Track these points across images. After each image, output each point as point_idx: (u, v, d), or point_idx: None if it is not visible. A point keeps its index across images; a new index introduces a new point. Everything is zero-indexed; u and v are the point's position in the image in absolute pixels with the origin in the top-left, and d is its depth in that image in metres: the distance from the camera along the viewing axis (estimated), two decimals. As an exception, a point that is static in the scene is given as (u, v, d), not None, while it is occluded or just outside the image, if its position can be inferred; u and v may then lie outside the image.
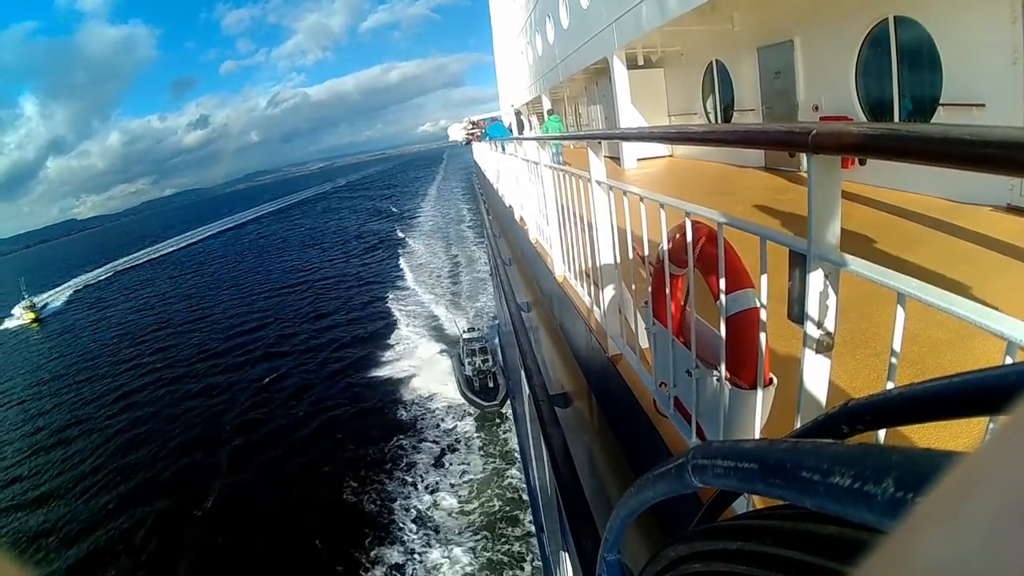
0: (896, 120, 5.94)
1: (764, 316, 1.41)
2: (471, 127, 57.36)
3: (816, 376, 1.22)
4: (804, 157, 1.10)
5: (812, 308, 1.17)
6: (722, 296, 1.53)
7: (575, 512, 2.56)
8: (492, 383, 18.95)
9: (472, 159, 26.81)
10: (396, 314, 29.96)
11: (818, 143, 1.01)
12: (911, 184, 5.44)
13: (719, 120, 10.35)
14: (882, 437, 0.95)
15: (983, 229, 3.94)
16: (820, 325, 1.18)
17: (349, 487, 16.24)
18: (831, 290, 1.16)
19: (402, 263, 41.29)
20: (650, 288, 2.15)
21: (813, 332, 1.19)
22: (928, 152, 0.78)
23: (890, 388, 0.76)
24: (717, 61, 10.03)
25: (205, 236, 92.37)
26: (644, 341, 2.47)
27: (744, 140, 1.56)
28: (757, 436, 1.54)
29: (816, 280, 1.15)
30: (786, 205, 5.60)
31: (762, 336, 1.43)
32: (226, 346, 30.37)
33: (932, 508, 0.17)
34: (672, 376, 1.98)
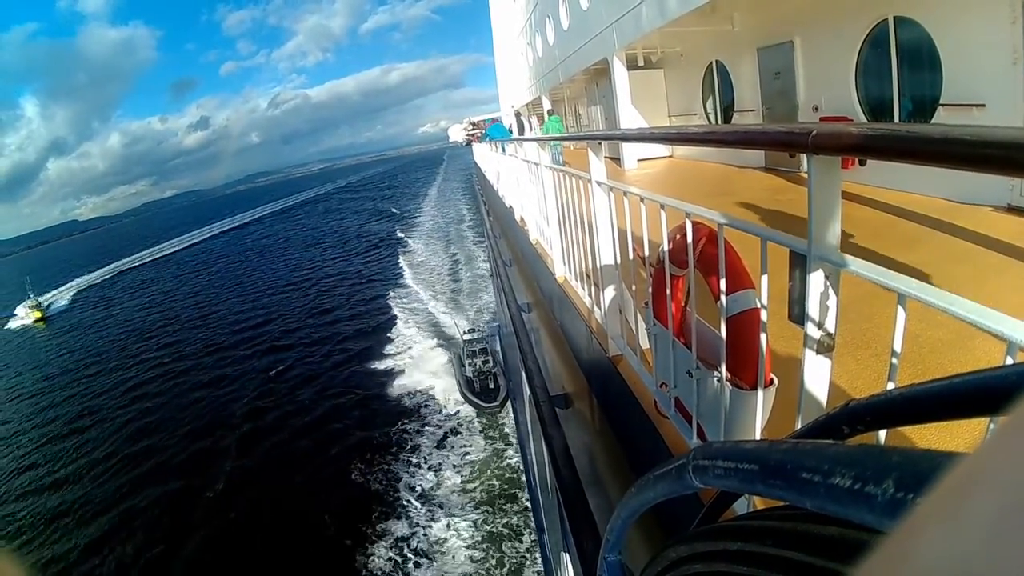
0: (896, 120, 5.94)
1: (765, 317, 1.41)
2: (471, 128, 57.46)
3: (817, 377, 1.22)
4: (804, 158, 1.10)
5: (812, 309, 1.17)
6: (723, 297, 1.53)
7: (576, 513, 2.55)
8: (493, 384, 18.96)
9: (472, 160, 26.92)
10: (397, 310, 30.50)
11: (818, 144, 1.01)
12: (911, 184, 5.44)
13: (719, 121, 10.35)
14: (883, 438, 0.95)
15: (983, 229, 3.94)
16: (820, 326, 1.18)
17: (356, 468, 16.85)
18: (831, 291, 1.16)
19: (403, 262, 41.70)
20: (650, 289, 2.15)
21: (814, 333, 1.19)
22: (928, 152, 0.78)
23: (891, 389, 0.76)
24: (717, 62, 10.03)
25: (207, 236, 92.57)
26: (645, 342, 2.47)
27: (744, 141, 1.56)
28: (758, 437, 1.54)
29: (816, 281, 1.15)
30: (786, 206, 5.60)
31: (763, 337, 1.43)
32: (232, 340, 31.00)
33: (932, 508, 0.17)
34: (673, 377, 1.98)
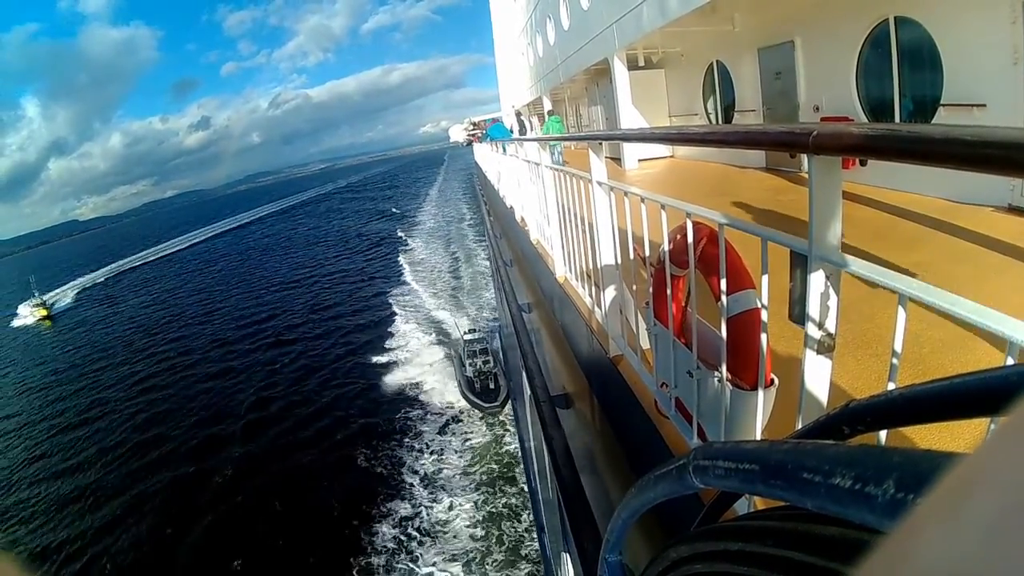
0: (897, 121, 5.94)
1: (765, 317, 1.41)
2: (472, 128, 57.43)
3: (817, 377, 1.22)
4: (805, 158, 1.10)
5: (813, 309, 1.17)
6: (723, 297, 1.53)
7: (576, 513, 2.56)
8: (493, 384, 18.95)
9: (473, 160, 26.98)
10: (398, 307, 30.90)
11: (819, 144, 1.01)
12: (912, 184, 5.44)
13: (720, 121, 10.35)
14: (883, 438, 0.95)
15: (984, 229, 3.94)
16: (821, 326, 1.18)
17: (361, 453, 17.45)
18: (832, 291, 1.16)
19: (404, 260, 42.03)
20: (651, 289, 2.15)
21: (814, 333, 1.19)
22: (929, 153, 0.78)
23: (891, 389, 0.76)
24: (718, 62, 10.02)
25: (209, 236, 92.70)
26: (645, 342, 2.47)
27: (745, 141, 1.56)
28: (758, 437, 1.54)
29: (817, 281, 1.15)
30: (787, 206, 5.60)
31: (763, 337, 1.43)
32: (237, 335, 31.57)
33: (932, 508, 0.17)
34: (673, 377, 1.98)
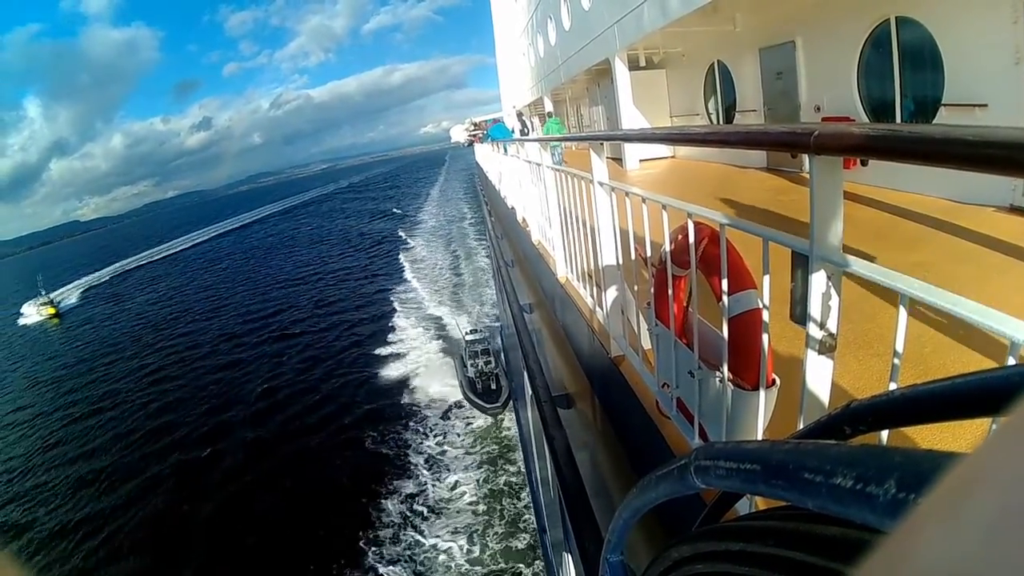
0: (898, 121, 5.93)
1: (767, 317, 1.41)
2: (473, 129, 57.44)
3: (819, 377, 1.22)
4: (806, 158, 1.10)
5: (814, 309, 1.17)
6: (724, 297, 1.53)
7: (578, 513, 2.56)
8: (495, 385, 18.94)
9: (474, 160, 27.09)
10: (400, 303, 31.53)
11: (820, 144, 1.01)
12: (913, 184, 5.43)
13: (721, 121, 10.34)
14: (885, 438, 0.95)
15: (986, 230, 3.93)
16: (822, 326, 1.18)
17: (368, 436, 18.21)
18: (833, 291, 1.16)
19: (405, 258, 42.43)
20: (652, 289, 2.15)
21: (815, 333, 1.19)
22: (930, 153, 0.78)
23: (893, 389, 0.76)
24: (719, 62, 10.02)
25: (213, 236, 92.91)
26: (646, 342, 2.46)
27: (746, 141, 1.56)
28: (760, 437, 1.54)
29: (818, 281, 1.15)
30: (788, 206, 5.59)
31: (764, 337, 1.43)
32: (244, 329, 32.33)
33: (932, 508, 0.17)
34: (675, 377, 1.98)
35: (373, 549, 13.31)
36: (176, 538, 14.73)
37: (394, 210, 74.90)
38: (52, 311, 49.13)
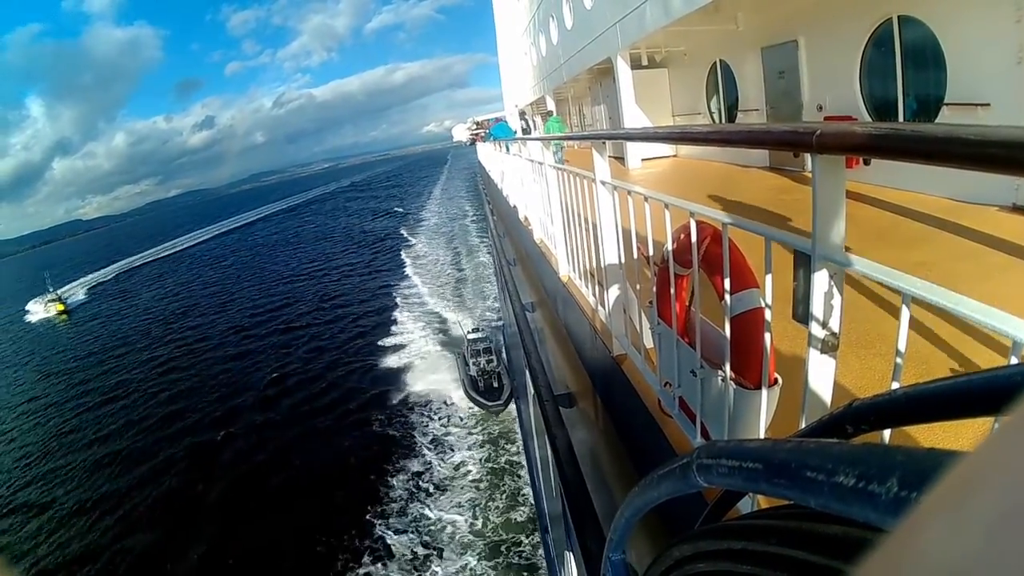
0: (901, 120, 5.91)
1: (769, 316, 1.40)
2: (475, 128, 57.34)
3: (821, 376, 1.22)
4: (808, 157, 1.10)
5: (817, 308, 1.17)
6: (727, 296, 1.53)
7: (580, 512, 2.55)
8: (497, 383, 18.94)
9: (476, 159, 27.16)
10: (403, 297, 32.18)
11: (823, 143, 1.01)
12: (916, 184, 5.41)
13: (723, 120, 10.32)
14: (887, 437, 0.95)
15: (988, 229, 3.92)
16: (825, 325, 1.18)
17: (376, 420, 19.13)
18: (836, 290, 1.16)
19: (408, 254, 42.83)
20: (654, 288, 2.15)
21: (818, 332, 1.19)
22: (932, 152, 0.78)
23: (895, 388, 0.76)
24: (721, 61, 9.99)
25: (217, 234, 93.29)
26: (649, 341, 2.46)
27: (748, 140, 1.56)
28: (762, 436, 1.54)
29: (821, 280, 1.15)
30: (790, 205, 5.58)
31: (767, 336, 1.43)
32: (252, 322, 33.23)
33: (935, 506, 0.17)
34: (677, 376, 1.98)
35: (380, 522, 14.12)
36: (191, 514, 15.39)
37: (397, 208, 75.05)
38: (61, 307, 49.45)
